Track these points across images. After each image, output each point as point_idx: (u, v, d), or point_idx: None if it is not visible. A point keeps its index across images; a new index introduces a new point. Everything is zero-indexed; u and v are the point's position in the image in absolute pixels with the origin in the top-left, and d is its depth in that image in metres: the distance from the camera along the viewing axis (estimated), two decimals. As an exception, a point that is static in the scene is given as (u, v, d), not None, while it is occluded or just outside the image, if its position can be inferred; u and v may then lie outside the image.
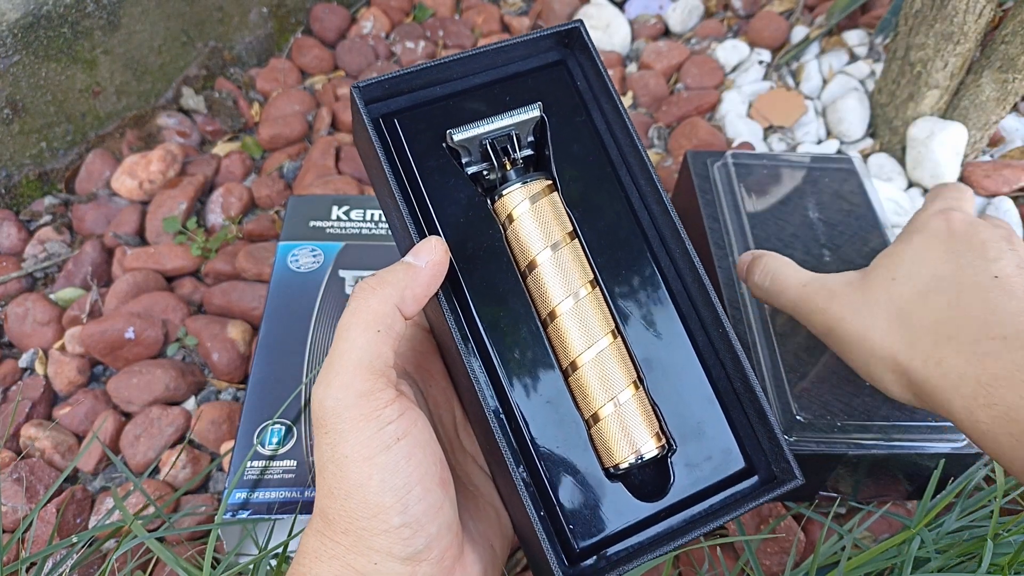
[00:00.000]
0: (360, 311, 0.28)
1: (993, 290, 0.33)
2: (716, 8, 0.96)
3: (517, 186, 0.33)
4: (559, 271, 0.32)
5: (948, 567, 0.45)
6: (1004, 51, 0.65)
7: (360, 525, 0.27)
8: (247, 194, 0.77)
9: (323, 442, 0.27)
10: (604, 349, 0.31)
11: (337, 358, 0.27)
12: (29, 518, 0.51)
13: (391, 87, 0.34)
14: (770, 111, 0.82)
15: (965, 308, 0.33)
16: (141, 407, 0.61)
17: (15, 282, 0.71)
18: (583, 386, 0.31)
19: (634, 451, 0.30)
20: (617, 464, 0.31)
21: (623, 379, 0.31)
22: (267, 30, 0.92)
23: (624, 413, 0.31)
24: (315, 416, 0.28)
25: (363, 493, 0.26)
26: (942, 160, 0.71)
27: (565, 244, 0.32)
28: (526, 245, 0.32)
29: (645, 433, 0.31)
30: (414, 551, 0.27)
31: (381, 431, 0.27)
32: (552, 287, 0.32)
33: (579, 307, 0.32)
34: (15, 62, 0.71)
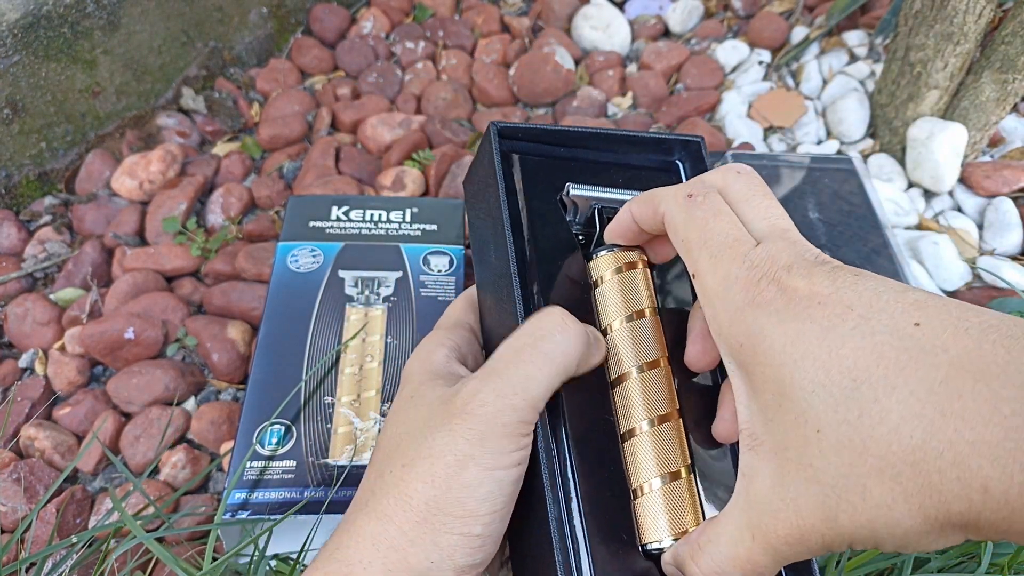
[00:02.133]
0: (563, 351, 0.29)
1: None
2: (716, 8, 0.96)
3: (612, 251, 0.34)
4: (632, 340, 0.32)
5: (948, 567, 0.45)
6: (1004, 52, 0.65)
7: (442, 520, 0.27)
8: (247, 194, 0.77)
9: (459, 434, 0.28)
10: (667, 424, 0.31)
11: (522, 379, 0.28)
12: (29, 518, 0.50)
13: (523, 133, 0.37)
14: (770, 111, 0.82)
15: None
16: (141, 407, 0.61)
17: (15, 282, 0.71)
18: (638, 454, 0.31)
19: (675, 533, 0.29)
20: (646, 544, 0.30)
21: (678, 459, 0.31)
22: (267, 30, 0.92)
23: (673, 492, 0.30)
24: (465, 409, 0.28)
25: (466, 494, 0.27)
26: (942, 161, 0.71)
27: (642, 317, 0.33)
28: (606, 309, 0.33)
29: (693, 517, 0.30)
30: (471, 563, 0.27)
31: (513, 453, 0.28)
32: (623, 355, 0.32)
33: (645, 379, 0.32)
34: (15, 62, 0.71)
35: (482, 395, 0.28)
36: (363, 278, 0.58)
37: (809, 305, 0.23)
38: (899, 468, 0.20)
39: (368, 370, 0.54)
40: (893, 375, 0.20)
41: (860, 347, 0.21)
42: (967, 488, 0.19)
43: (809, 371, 0.22)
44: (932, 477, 0.19)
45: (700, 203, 0.27)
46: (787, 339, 0.23)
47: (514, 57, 0.90)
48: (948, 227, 0.71)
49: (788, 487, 0.22)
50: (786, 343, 0.22)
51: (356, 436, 0.50)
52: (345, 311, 0.56)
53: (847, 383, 0.21)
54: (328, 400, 0.52)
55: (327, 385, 0.53)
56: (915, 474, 0.19)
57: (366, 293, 0.57)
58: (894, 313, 0.21)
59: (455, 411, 0.28)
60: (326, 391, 0.52)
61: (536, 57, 0.86)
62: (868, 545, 0.22)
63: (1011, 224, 0.70)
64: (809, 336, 0.22)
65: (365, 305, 0.57)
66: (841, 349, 0.21)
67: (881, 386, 0.20)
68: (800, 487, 0.22)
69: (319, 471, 0.49)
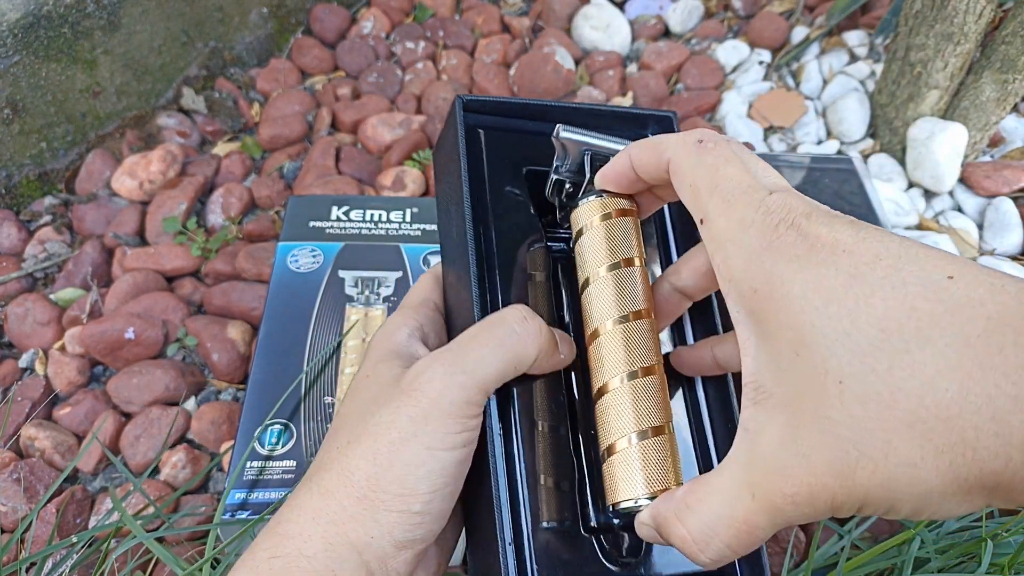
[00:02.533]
0: (518, 342, 0.29)
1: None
2: (716, 8, 0.96)
3: (597, 198, 0.31)
4: (614, 291, 0.30)
5: (948, 567, 0.45)
6: (1004, 52, 0.65)
7: (381, 497, 0.27)
8: (247, 194, 0.77)
9: (404, 412, 0.28)
10: (646, 379, 0.29)
11: (474, 361, 0.28)
12: (29, 518, 0.51)
13: (490, 107, 0.36)
14: (770, 111, 0.82)
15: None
16: (141, 407, 0.61)
17: (15, 282, 0.71)
18: (612, 409, 0.29)
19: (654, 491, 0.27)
20: (617, 503, 0.28)
21: (661, 414, 0.28)
22: (267, 30, 0.92)
23: (655, 448, 0.28)
24: (413, 386, 0.28)
25: (406, 472, 0.27)
26: (942, 161, 0.71)
27: (630, 266, 0.30)
28: (588, 258, 0.31)
29: (669, 477, 0.28)
30: (411, 538, 0.28)
31: (458, 434, 0.28)
32: (600, 306, 0.30)
33: (627, 330, 0.29)
34: (15, 62, 0.71)
35: (429, 373, 0.28)
36: (363, 278, 0.58)
37: (833, 252, 0.21)
38: (931, 423, 0.18)
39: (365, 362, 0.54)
40: (927, 327, 0.19)
41: (890, 297, 0.20)
42: (1006, 445, 0.18)
43: (833, 319, 0.20)
44: (967, 433, 0.18)
45: (711, 149, 0.26)
46: (808, 285, 0.21)
47: (514, 57, 0.90)
48: (948, 227, 0.71)
49: (800, 442, 0.21)
50: (807, 289, 0.21)
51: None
52: (345, 311, 0.56)
53: (875, 333, 0.20)
54: (328, 400, 0.52)
55: (327, 385, 0.53)
56: (948, 430, 0.18)
57: (366, 293, 0.57)
58: (925, 265, 0.20)
59: (402, 389, 0.29)
60: (326, 391, 0.52)
61: (536, 57, 0.86)
62: (881, 508, 0.20)
63: (1011, 224, 0.70)
64: (834, 283, 0.21)
65: (365, 305, 0.57)
66: (870, 299, 0.20)
67: (914, 338, 0.19)
68: (815, 442, 0.20)
69: (319, 471, 0.49)
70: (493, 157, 0.36)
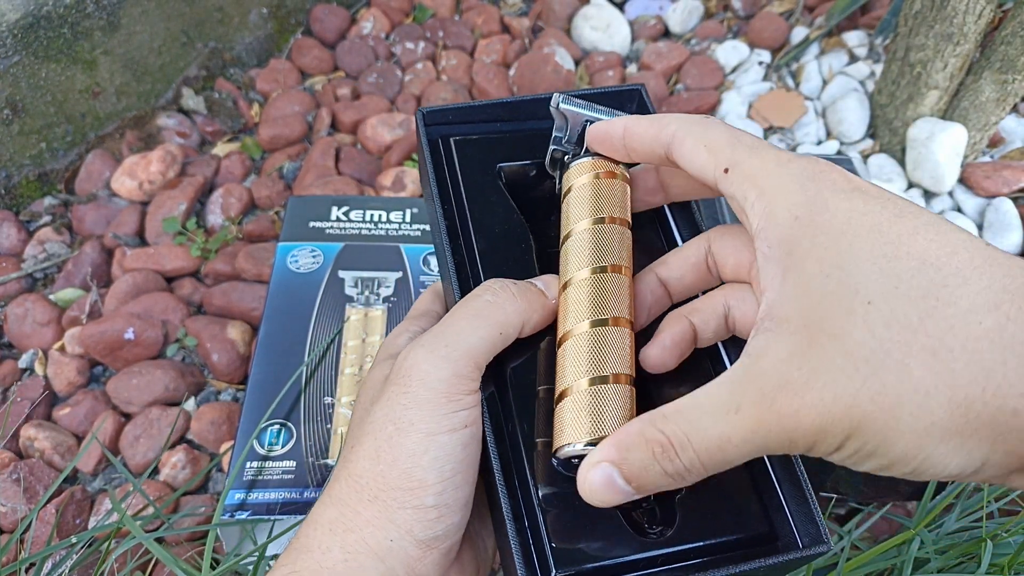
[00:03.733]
0: (496, 309, 0.29)
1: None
2: (716, 9, 0.96)
3: (590, 159, 0.31)
4: (592, 244, 0.29)
5: (948, 568, 0.45)
6: (1004, 52, 0.65)
7: (392, 496, 0.26)
8: (247, 195, 0.77)
9: (396, 401, 0.27)
10: (613, 328, 0.27)
11: (453, 334, 0.28)
12: (28, 518, 0.50)
13: (453, 115, 0.36)
14: (770, 112, 0.82)
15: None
16: (141, 408, 0.61)
17: (15, 282, 0.71)
18: (567, 356, 0.27)
19: (593, 436, 0.25)
20: (561, 447, 0.26)
21: (624, 364, 0.27)
22: (267, 31, 0.92)
23: (605, 394, 0.26)
24: (399, 375, 0.28)
25: (411, 463, 0.26)
26: (942, 161, 0.71)
27: (613, 223, 0.30)
28: (570, 215, 0.30)
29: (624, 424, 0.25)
30: (433, 535, 0.27)
31: (455, 414, 0.27)
32: (576, 258, 0.29)
33: (599, 280, 0.28)
34: (15, 63, 0.71)
35: (412, 357, 0.28)
36: (363, 278, 0.58)
37: (880, 195, 0.21)
38: (956, 352, 0.18)
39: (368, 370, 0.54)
40: (967, 270, 0.19)
41: (934, 239, 0.20)
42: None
43: (875, 244, 0.20)
44: (994, 367, 0.18)
45: (718, 122, 0.26)
46: (854, 212, 0.21)
47: (514, 57, 0.90)
48: (948, 227, 0.71)
49: (810, 358, 0.20)
50: (852, 215, 0.21)
51: (356, 436, 0.50)
52: (345, 311, 0.56)
53: (915, 264, 0.20)
54: (328, 400, 0.52)
55: (327, 385, 0.53)
56: (973, 361, 0.18)
57: (366, 293, 0.57)
58: (964, 232, 0.20)
59: (391, 379, 0.28)
60: (326, 391, 0.52)
61: (536, 57, 0.86)
62: (871, 441, 0.19)
63: (1011, 224, 0.70)
64: (880, 216, 0.21)
65: (365, 305, 0.57)
66: (914, 235, 0.20)
67: (953, 275, 0.19)
68: (826, 357, 0.20)
69: (319, 471, 0.49)
70: (466, 163, 0.35)
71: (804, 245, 0.22)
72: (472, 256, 0.33)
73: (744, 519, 0.28)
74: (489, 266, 0.33)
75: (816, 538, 0.27)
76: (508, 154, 0.36)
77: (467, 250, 0.34)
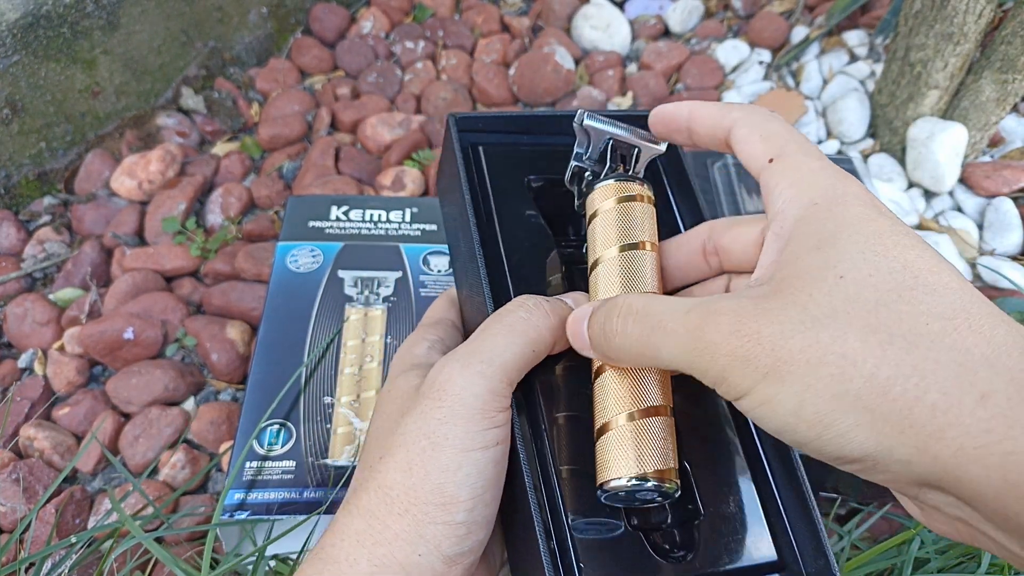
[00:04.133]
0: (530, 326, 0.29)
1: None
2: (716, 8, 0.96)
3: (615, 181, 0.31)
4: (621, 271, 0.29)
5: (948, 568, 0.45)
6: (1004, 52, 0.65)
7: (423, 510, 0.26)
8: (246, 194, 0.77)
9: (430, 415, 0.27)
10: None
11: (488, 349, 0.28)
12: (28, 518, 0.50)
13: (484, 123, 0.37)
14: (770, 111, 0.82)
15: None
16: (140, 408, 0.61)
17: (14, 282, 0.71)
18: (607, 389, 0.27)
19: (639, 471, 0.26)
20: (608, 481, 0.26)
21: (658, 397, 0.27)
22: (266, 30, 0.91)
23: (644, 429, 0.26)
24: (433, 388, 0.28)
25: (444, 479, 0.26)
26: (942, 161, 0.71)
27: (641, 250, 0.29)
28: (597, 241, 0.30)
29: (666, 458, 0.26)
30: (460, 551, 0.27)
31: (489, 431, 0.27)
32: (605, 286, 0.29)
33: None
34: (15, 62, 0.71)
35: (447, 371, 0.28)
36: (363, 278, 0.58)
37: (896, 219, 0.23)
38: (895, 339, 0.20)
39: (368, 370, 0.54)
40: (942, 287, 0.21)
41: (926, 259, 0.22)
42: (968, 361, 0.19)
43: (870, 241, 0.22)
44: (927, 363, 0.19)
45: (780, 118, 0.28)
46: (866, 216, 0.23)
47: (514, 57, 0.90)
48: (948, 227, 0.71)
49: (766, 300, 0.22)
50: (863, 217, 0.23)
51: (356, 436, 0.50)
52: (345, 311, 0.56)
53: (897, 265, 0.21)
54: (328, 400, 0.52)
55: (326, 385, 0.52)
56: (908, 349, 0.19)
57: (366, 293, 0.57)
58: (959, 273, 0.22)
59: (424, 393, 0.28)
60: (325, 391, 0.52)
61: (536, 57, 0.86)
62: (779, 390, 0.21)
63: (1011, 224, 0.70)
64: (887, 227, 0.23)
65: (365, 305, 0.57)
66: (909, 249, 0.22)
67: (926, 286, 0.21)
68: (779, 304, 0.22)
69: (319, 471, 0.49)
70: (495, 173, 0.36)
71: (811, 226, 0.24)
72: (500, 268, 0.33)
73: (756, 546, 0.29)
74: (519, 279, 0.33)
75: (824, 570, 0.28)
76: (535, 167, 0.36)
77: (495, 262, 0.34)
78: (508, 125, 0.37)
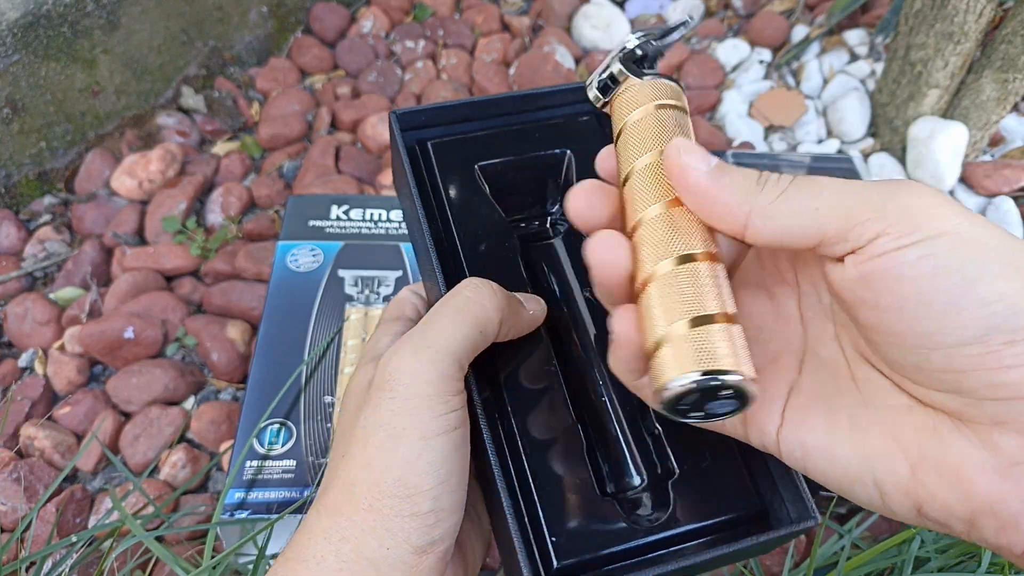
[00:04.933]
0: (474, 306, 0.28)
1: None
2: (716, 7, 0.95)
3: (650, 79, 0.28)
4: (656, 178, 0.25)
5: (948, 567, 0.45)
6: (1004, 51, 0.65)
7: (388, 504, 0.26)
8: (247, 194, 0.77)
9: (384, 407, 0.27)
10: (702, 264, 0.23)
11: (434, 335, 0.28)
12: (28, 517, 0.51)
13: (427, 117, 0.36)
14: (770, 111, 0.82)
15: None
16: (140, 407, 0.61)
17: (14, 282, 0.71)
18: (652, 300, 0.23)
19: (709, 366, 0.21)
20: (668, 382, 0.22)
21: (719, 301, 0.23)
22: (267, 29, 0.91)
23: (710, 334, 0.22)
24: (384, 379, 0.27)
25: (406, 470, 0.26)
26: (943, 160, 0.70)
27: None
28: (633, 147, 0.26)
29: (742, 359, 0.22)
30: (430, 541, 0.26)
31: (446, 416, 0.27)
32: (645, 193, 0.25)
33: (674, 214, 0.24)
34: (15, 61, 0.71)
35: (396, 359, 0.27)
36: (363, 277, 0.58)
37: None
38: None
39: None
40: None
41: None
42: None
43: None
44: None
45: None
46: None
47: (514, 56, 0.90)
48: (949, 226, 0.71)
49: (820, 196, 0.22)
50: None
51: (356, 436, 0.50)
52: (345, 310, 0.56)
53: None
54: (328, 399, 0.52)
55: (327, 385, 0.53)
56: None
57: (366, 292, 0.57)
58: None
59: (376, 384, 0.27)
60: (326, 391, 0.52)
61: (536, 56, 0.86)
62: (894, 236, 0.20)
63: (1012, 223, 0.70)
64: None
65: (365, 304, 0.57)
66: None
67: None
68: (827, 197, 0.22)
69: (319, 470, 0.49)
70: (444, 165, 0.36)
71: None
72: (457, 259, 0.34)
73: (735, 499, 0.29)
74: (475, 268, 0.33)
75: (803, 514, 0.28)
76: (485, 153, 0.36)
77: (452, 254, 0.34)
78: (451, 116, 0.37)
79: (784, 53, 0.87)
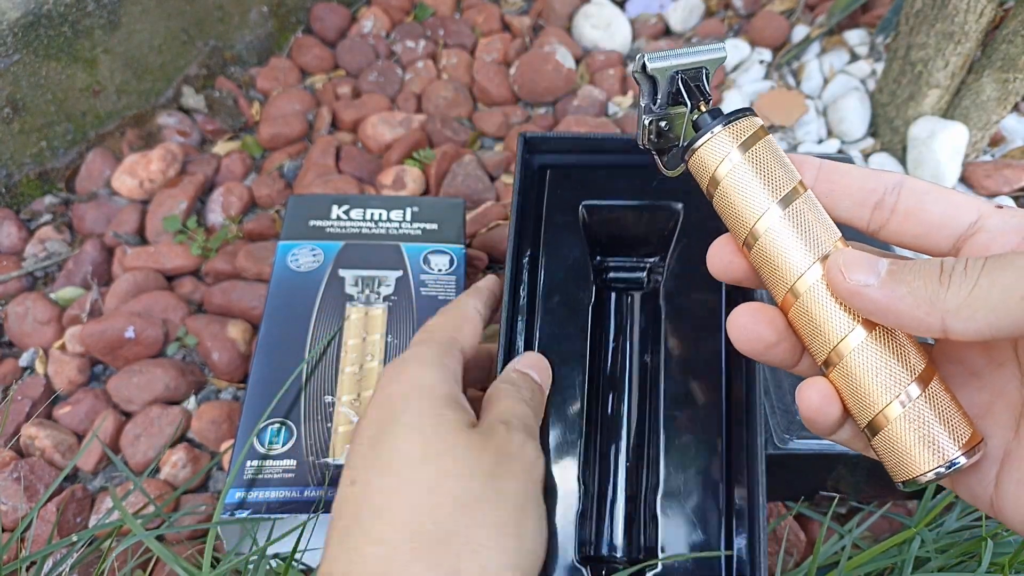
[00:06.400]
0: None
1: None
2: (717, 7, 0.95)
3: (719, 128, 0.24)
4: (797, 230, 0.23)
5: (948, 567, 0.45)
6: (1005, 51, 0.65)
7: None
8: (247, 193, 0.77)
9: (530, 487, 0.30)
10: (872, 334, 0.22)
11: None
12: (29, 517, 0.51)
13: (551, 145, 0.38)
14: (771, 110, 0.82)
15: None
16: (141, 406, 0.61)
17: (15, 281, 0.71)
18: (857, 379, 0.23)
19: (942, 459, 0.22)
20: (915, 477, 0.23)
21: (919, 358, 0.22)
22: (267, 29, 0.91)
23: (935, 399, 0.22)
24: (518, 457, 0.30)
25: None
26: (943, 160, 0.70)
27: (798, 196, 0.24)
28: (743, 204, 0.24)
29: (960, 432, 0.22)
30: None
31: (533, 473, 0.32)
32: (790, 257, 0.23)
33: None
34: (16, 61, 0.71)
35: (528, 448, 0.31)
36: (363, 277, 0.58)
37: None
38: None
39: (368, 369, 0.54)
40: None
41: None
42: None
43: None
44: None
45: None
46: None
47: (515, 56, 0.90)
48: (949, 226, 0.71)
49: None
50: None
51: (356, 435, 0.50)
52: (345, 310, 0.56)
53: None
54: (328, 399, 0.52)
55: (327, 384, 0.52)
56: None
57: (366, 292, 0.57)
58: None
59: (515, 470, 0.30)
60: (326, 390, 0.52)
61: (537, 56, 0.86)
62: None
63: (1012, 223, 0.70)
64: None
65: (366, 304, 0.57)
66: None
67: None
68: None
69: (319, 470, 0.49)
70: (553, 195, 0.37)
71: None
72: (533, 297, 0.36)
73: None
74: (546, 310, 0.35)
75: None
76: (598, 191, 0.38)
77: (531, 288, 0.36)
78: (578, 146, 0.39)
79: (784, 53, 0.87)
